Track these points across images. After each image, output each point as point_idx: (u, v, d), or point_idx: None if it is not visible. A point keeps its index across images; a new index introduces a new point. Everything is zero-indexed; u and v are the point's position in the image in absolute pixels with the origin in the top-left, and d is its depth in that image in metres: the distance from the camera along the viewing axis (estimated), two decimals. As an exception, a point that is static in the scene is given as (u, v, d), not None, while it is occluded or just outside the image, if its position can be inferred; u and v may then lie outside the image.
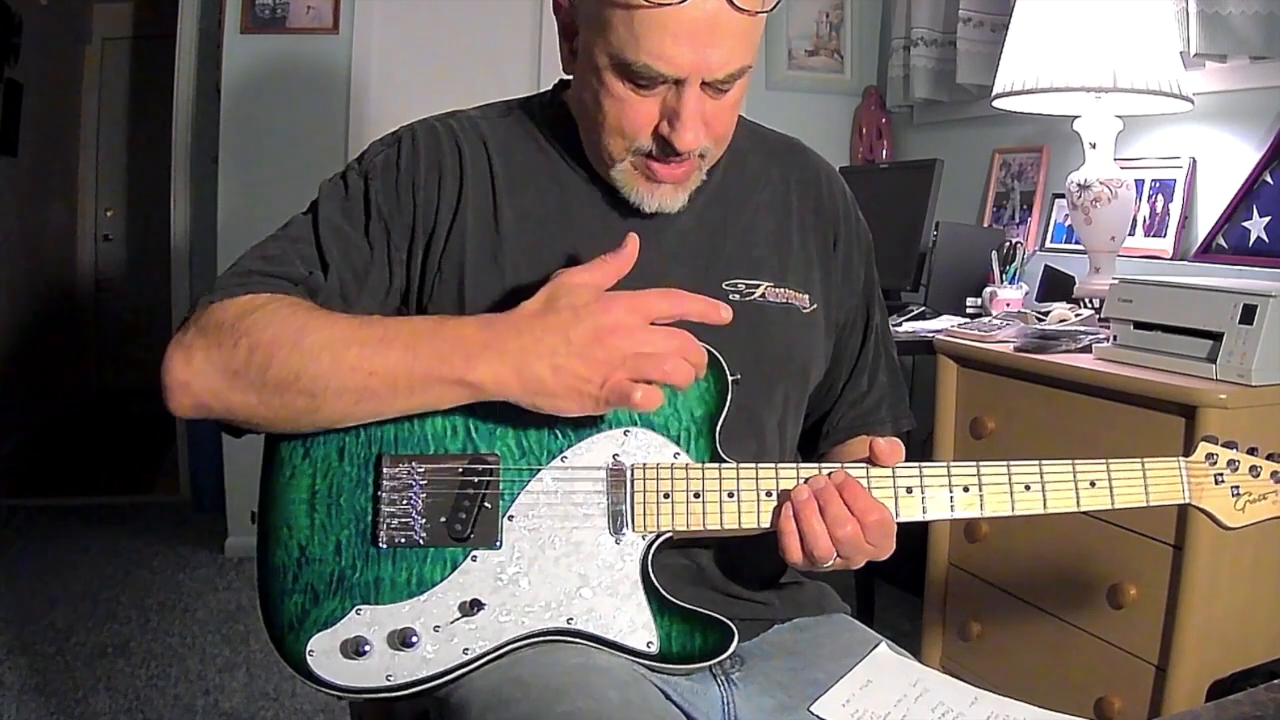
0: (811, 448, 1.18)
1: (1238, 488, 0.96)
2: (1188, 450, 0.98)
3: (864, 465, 0.94)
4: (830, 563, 0.91)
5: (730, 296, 1.03)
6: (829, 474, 0.92)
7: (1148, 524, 1.63)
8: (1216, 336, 1.59)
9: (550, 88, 1.11)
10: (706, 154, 0.99)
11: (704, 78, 0.91)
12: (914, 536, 0.96)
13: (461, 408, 0.92)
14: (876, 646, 1.03)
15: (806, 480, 0.92)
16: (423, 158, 1.03)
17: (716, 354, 0.95)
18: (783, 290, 1.06)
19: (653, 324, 0.87)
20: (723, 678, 0.99)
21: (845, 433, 1.17)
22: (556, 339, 0.85)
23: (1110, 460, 0.95)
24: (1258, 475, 0.96)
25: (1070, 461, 0.95)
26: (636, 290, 0.88)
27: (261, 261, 0.98)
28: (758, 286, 1.05)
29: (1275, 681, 0.93)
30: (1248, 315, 1.56)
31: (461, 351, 0.86)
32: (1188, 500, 0.96)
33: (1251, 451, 0.98)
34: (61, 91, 5.18)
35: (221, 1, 3.09)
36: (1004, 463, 0.94)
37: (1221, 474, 0.96)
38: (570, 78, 1.08)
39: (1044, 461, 0.94)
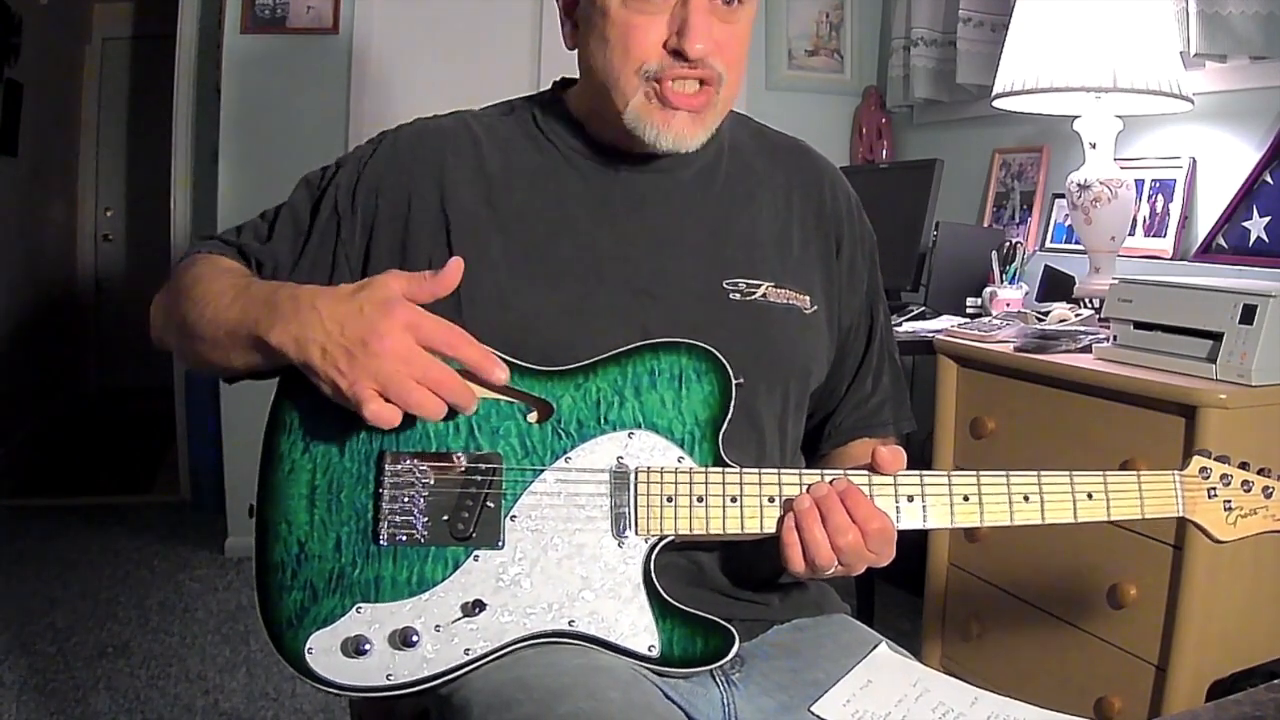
0: (813, 448, 1.19)
1: (1230, 502, 0.97)
2: (1186, 454, 0.98)
3: (866, 472, 0.94)
4: (831, 570, 0.92)
5: (731, 296, 1.03)
6: (831, 481, 0.92)
7: (1148, 524, 1.63)
8: (1216, 336, 1.59)
9: (549, 87, 1.12)
10: (722, 81, 0.99)
11: None
12: (914, 537, 0.96)
13: None
14: (877, 646, 1.03)
15: (809, 488, 0.92)
16: (396, 162, 1.05)
17: (721, 358, 0.95)
18: (784, 291, 1.06)
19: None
20: (723, 679, 0.99)
21: (848, 434, 1.17)
22: (334, 328, 0.86)
23: (1107, 473, 0.96)
24: (1249, 490, 0.97)
25: (1068, 473, 0.95)
26: (433, 314, 0.88)
27: (231, 231, 1.10)
28: (759, 287, 1.05)
29: (1275, 681, 0.93)
30: (1248, 315, 1.56)
31: (269, 315, 0.90)
32: (1181, 514, 0.97)
33: (1244, 466, 0.98)
34: (61, 91, 5.17)
35: (221, 1, 3.09)
36: (1003, 472, 0.94)
37: (1214, 488, 0.97)
38: (569, 77, 1.09)
39: (1042, 472, 0.95)
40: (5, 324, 4.35)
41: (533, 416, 0.94)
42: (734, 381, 0.95)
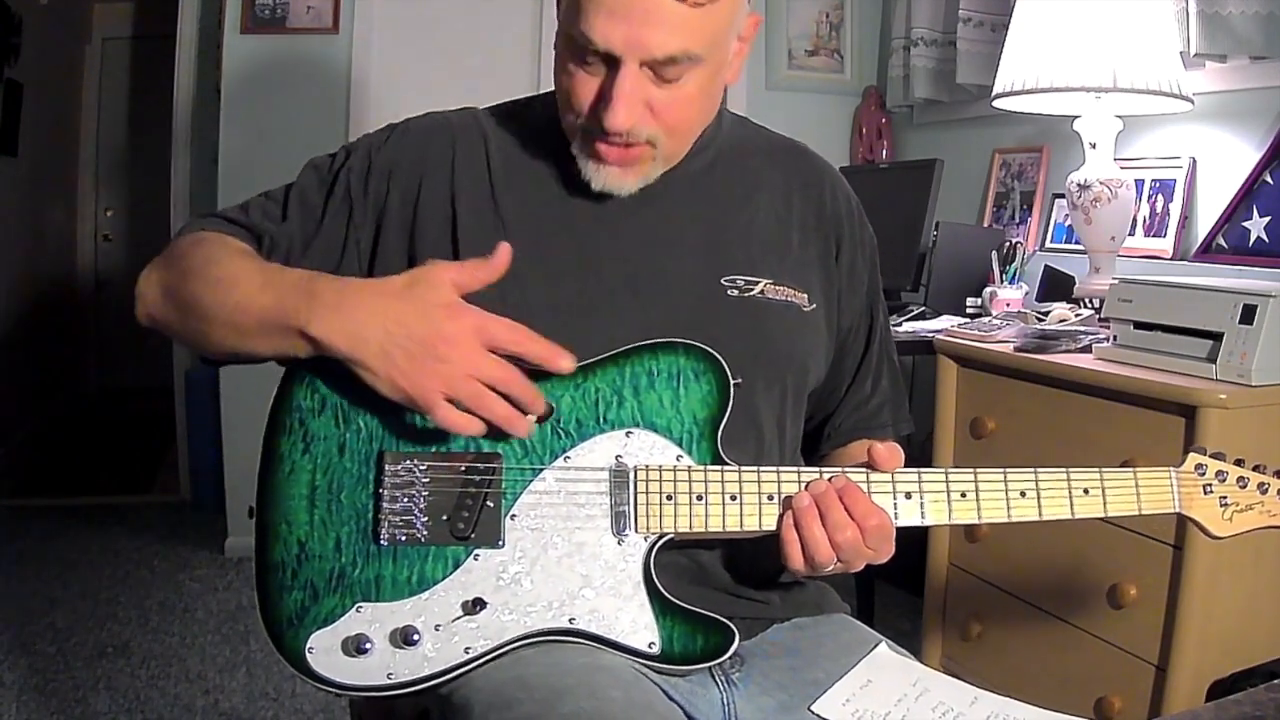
0: (813, 449, 1.19)
1: (1225, 498, 0.97)
2: (1189, 449, 0.99)
3: (864, 470, 0.94)
4: (831, 568, 0.92)
5: (729, 293, 1.03)
6: (829, 479, 0.93)
7: (1147, 524, 1.63)
8: (1216, 336, 1.60)
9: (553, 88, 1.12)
10: (657, 143, 0.97)
11: (640, 58, 0.91)
12: (914, 537, 0.96)
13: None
14: (876, 646, 1.03)
15: (807, 486, 0.92)
16: (408, 151, 1.05)
17: (719, 357, 0.95)
18: (781, 288, 1.06)
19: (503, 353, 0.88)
20: (722, 678, 0.99)
21: (846, 435, 1.17)
22: (396, 327, 0.86)
23: (1104, 469, 0.96)
24: (1244, 486, 0.97)
25: (1065, 470, 0.95)
26: (492, 314, 0.89)
27: (236, 209, 1.07)
28: (756, 283, 1.05)
29: (1275, 681, 0.93)
30: (1248, 315, 1.56)
31: (309, 305, 0.89)
32: (1177, 509, 0.97)
33: (1239, 462, 0.99)
34: (61, 91, 5.17)
35: (221, 1, 3.09)
36: (1000, 470, 0.95)
37: (1210, 484, 0.97)
38: None
39: (1039, 470, 0.95)
40: (5, 324, 4.35)
41: (532, 416, 0.94)
42: (732, 381, 0.95)
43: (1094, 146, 2.13)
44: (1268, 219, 2.07)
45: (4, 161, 4.27)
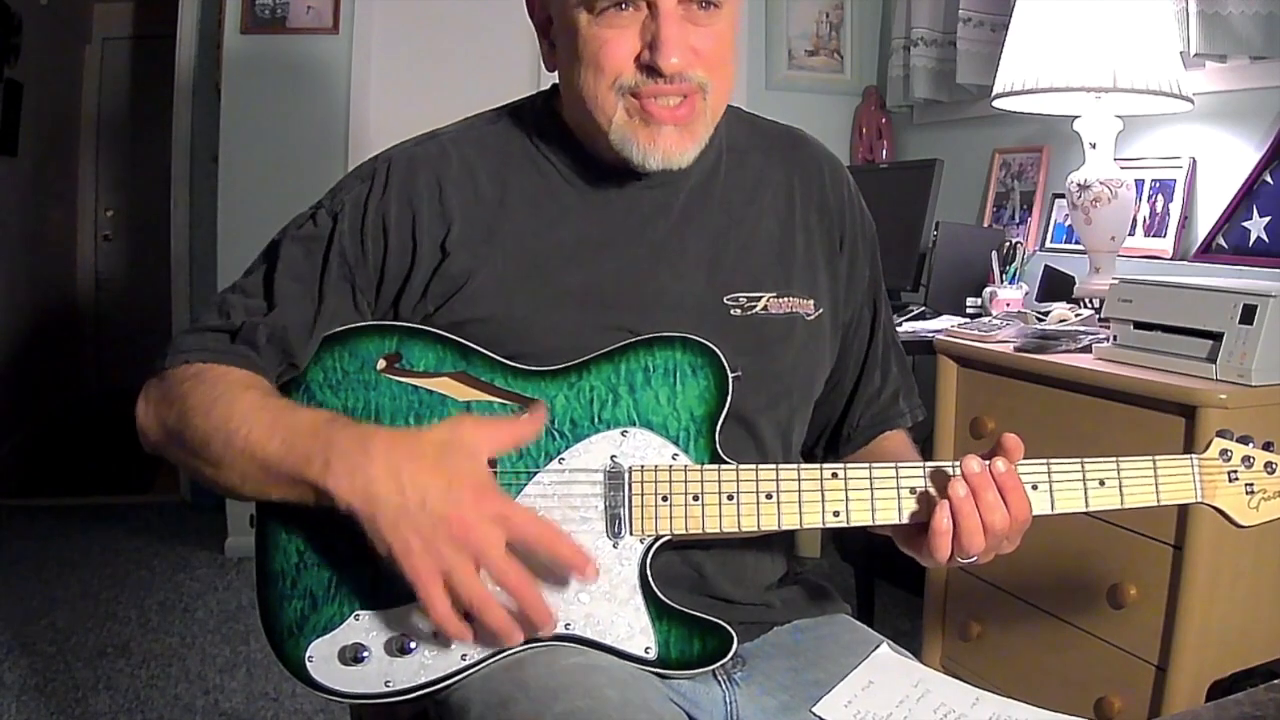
0: (833, 453, 1.17)
1: (1252, 485, 0.93)
2: (1189, 449, 0.96)
3: (865, 466, 0.93)
4: (973, 558, 0.90)
5: (732, 312, 1.01)
6: (987, 465, 0.89)
7: (1148, 524, 1.63)
8: (1216, 336, 1.59)
9: (542, 94, 1.08)
10: (707, 88, 0.95)
11: None
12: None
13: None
14: (878, 647, 1.03)
15: (961, 473, 0.89)
16: (395, 195, 0.99)
17: (716, 350, 0.94)
18: (785, 300, 1.03)
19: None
20: (725, 678, 0.99)
21: (867, 433, 1.15)
22: (414, 495, 0.81)
23: (1120, 459, 0.92)
24: (1273, 472, 0.93)
25: (1079, 460, 0.92)
26: (514, 502, 0.86)
27: (217, 316, 0.98)
28: (759, 299, 1.02)
29: (1275, 681, 0.92)
30: (1248, 315, 1.55)
31: (323, 454, 0.84)
32: (1200, 499, 0.93)
33: (1267, 447, 0.95)
34: (61, 91, 5.17)
35: (221, 1, 3.09)
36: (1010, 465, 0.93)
37: (1235, 471, 0.93)
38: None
39: (1051, 460, 0.92)
40: (5, 324, 4.35)
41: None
42: (730, 375, 0.93)
43: (1094, 146, 2.13)
44: (1268, 219, 2.07)
45: (4, 161, 4.27)
